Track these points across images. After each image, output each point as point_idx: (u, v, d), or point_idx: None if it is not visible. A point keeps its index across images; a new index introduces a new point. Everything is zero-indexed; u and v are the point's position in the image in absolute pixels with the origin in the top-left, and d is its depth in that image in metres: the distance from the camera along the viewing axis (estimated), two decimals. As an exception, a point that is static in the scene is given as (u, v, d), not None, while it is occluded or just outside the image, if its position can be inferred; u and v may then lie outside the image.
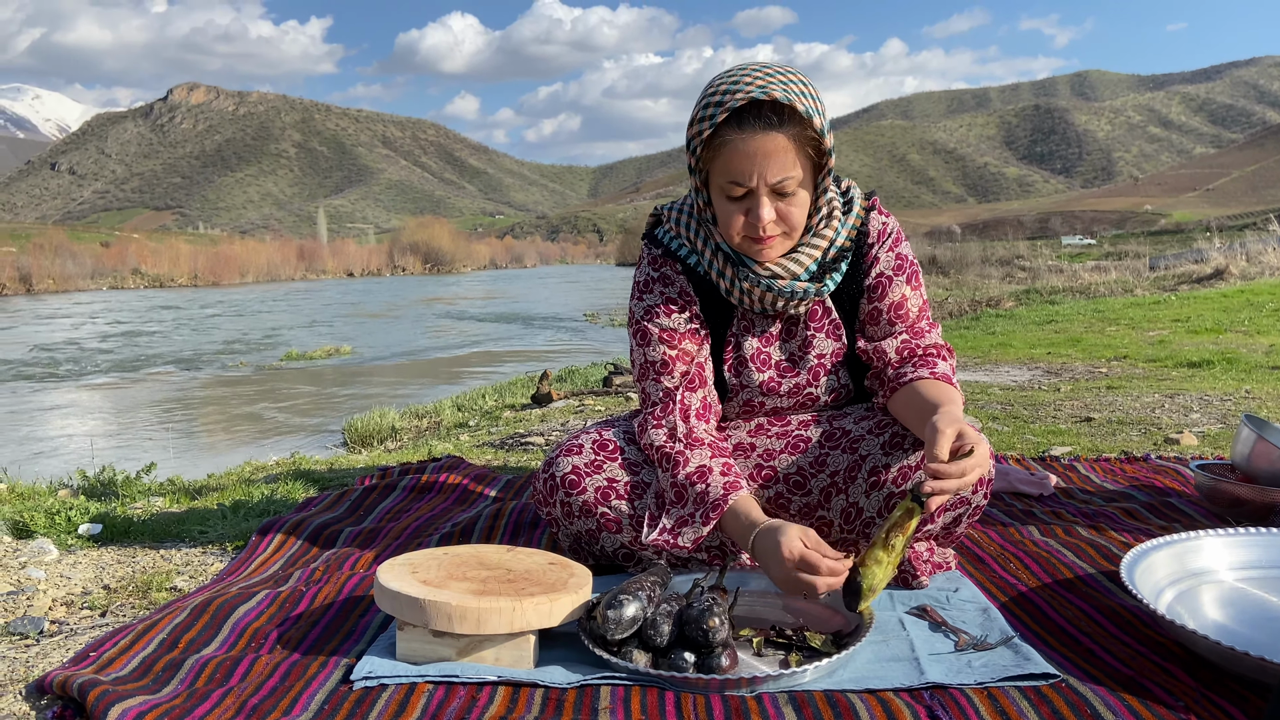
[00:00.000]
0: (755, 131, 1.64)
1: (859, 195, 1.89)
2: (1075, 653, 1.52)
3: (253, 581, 1.98)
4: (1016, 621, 1.65)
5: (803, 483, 1.89)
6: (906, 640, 1.57)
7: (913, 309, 1.87)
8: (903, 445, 1.78)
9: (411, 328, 23.38)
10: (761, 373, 1.90)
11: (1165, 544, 1.77)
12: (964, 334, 9.07)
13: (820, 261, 1.82)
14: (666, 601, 1.54)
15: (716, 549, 1.87)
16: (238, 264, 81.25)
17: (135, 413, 10.70)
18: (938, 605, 1.70)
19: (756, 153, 1.65)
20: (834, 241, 1.82)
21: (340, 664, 1.52)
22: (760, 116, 1.64)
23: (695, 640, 1.45)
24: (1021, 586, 1.81)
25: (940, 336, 1.90)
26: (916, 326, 1.87)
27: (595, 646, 1.49)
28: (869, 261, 1.87)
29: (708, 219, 1.81)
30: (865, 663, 1.49)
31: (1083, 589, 1.79)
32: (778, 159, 1.66)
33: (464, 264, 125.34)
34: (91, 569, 2.24)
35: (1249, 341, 7.03)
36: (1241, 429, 2.33)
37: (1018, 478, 2.60)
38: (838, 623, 1.62)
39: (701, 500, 1.77)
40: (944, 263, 25.15)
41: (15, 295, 55.08)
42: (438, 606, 1.47)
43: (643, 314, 1.90)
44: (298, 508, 2.65)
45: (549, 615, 1.51)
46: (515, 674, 1.45)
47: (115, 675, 1.51)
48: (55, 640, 1.77)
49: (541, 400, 6.00)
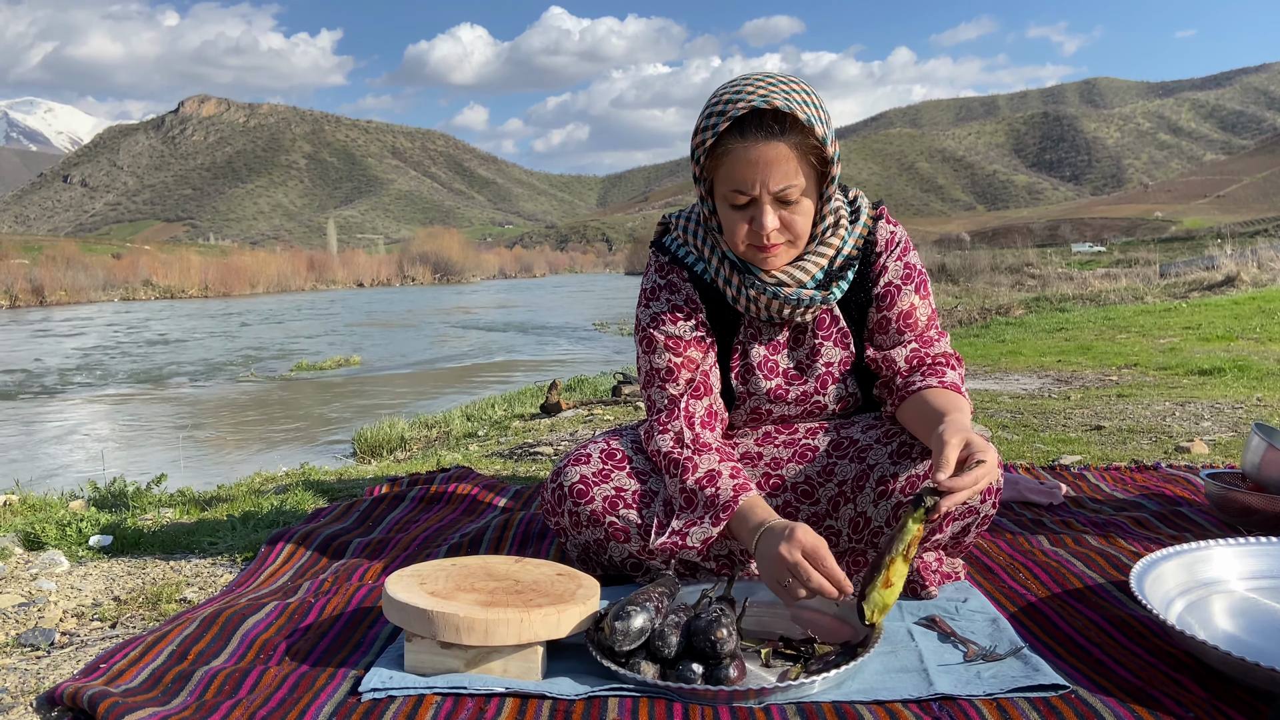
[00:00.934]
0: (757, 140, 1.65)
1: (866, 204, 1.89)
2: (1085, 663, 1.51)
3: (262, 593, 1.99)
4: (1026, 632, 1.64)
5: (810, 492, 1.89)
6: (915, 651, 1.56)
7: (921, 318, 1.87)
8: (911, 454, 1.78)
9: (421, 338, 23.44)
10: (769, 380, 1.90)
11: (1175, 553, 1.76)
12: (974, 342, 9.05)
13: (826, 269, 1.83)
14: (674, 612, 1.54)
15: (724, 558, 1.87)
16: (248, 275, 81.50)
17: (145, 424, 10.74)
18: (947, 616, 1.70)
19: (758, 161, 1.66)
20: (840, 250, 1.83)
21: (349, 675, 1.52)
22: (762, 125, 1.65)
23: (703, 651, 1.45)
24: (1031, 597, 1.81)
25: (949, 345, 1.90)
26: (925, 335, 1.87)
27: (603, 658, 1.49)
28: (877, 270, 1.87)
29: (713, 227, 1.82)
30: (874, 674, 1.49)
31: (1093, 599, 1.78)
32: (780, 167, 1.67)
33: (473, 274, 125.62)
34: (102, 580, 2.25)
35: (1260, 349, 7.00)
36: (1252, 437, 2.32)
37: (1027, 487, 2.59)
38: (846, 633, 1.62)
39: (711, 503, 1.77)
40: (953, 271, 25.11)
41: (28, 307, 55.42)
42: (445, 618, 1.47)
43: (649, 321, 1.90)
44: (307, 519, 2.66)
45: (557, 627, 1.50)
46: (523, 685, 1.45)
47: (125, 687, 1.51)
48: (66, 652, 1.78)
49: (550, 410, 6.01)
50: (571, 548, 1.96)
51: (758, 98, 1.65)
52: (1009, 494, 2.56)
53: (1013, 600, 1.79)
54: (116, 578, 2.28)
